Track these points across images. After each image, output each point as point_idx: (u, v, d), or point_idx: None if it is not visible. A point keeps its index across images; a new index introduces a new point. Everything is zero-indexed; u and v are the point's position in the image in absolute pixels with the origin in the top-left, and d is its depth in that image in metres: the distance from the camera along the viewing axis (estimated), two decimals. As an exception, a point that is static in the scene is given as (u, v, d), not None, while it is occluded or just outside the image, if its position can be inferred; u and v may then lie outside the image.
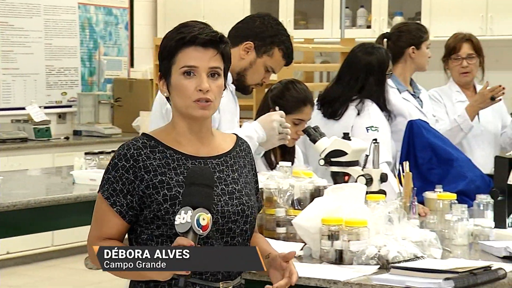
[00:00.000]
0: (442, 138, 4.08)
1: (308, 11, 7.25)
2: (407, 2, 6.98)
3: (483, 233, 3.04)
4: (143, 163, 2.17)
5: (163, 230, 2.16)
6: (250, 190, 2.29)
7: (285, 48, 3.31)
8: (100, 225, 2.21)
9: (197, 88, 2.18)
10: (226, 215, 2.19)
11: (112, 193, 2.18)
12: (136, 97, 7.48)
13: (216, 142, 2.29)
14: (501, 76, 6.62)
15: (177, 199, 2.15)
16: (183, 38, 2.18)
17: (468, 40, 4.58)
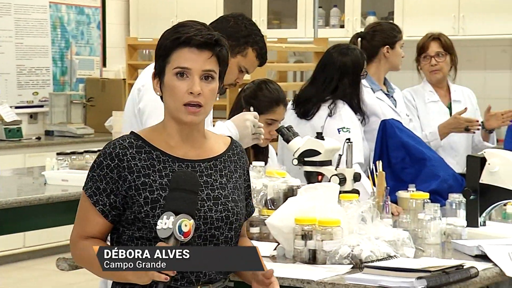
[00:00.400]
0: (415, 138, 4.09)
1: (282, 11, 7.25)
2: (380, 1, 7.00)
3: (455, 232, 3.05)
4: (128, 163, 2.14)
5: (143, 232, 2.13)
6: (239, 196, 2.24)
7: (259, 49, 3.30)
8: (82, 223, 2.19)
9: (188, 91, 2.14)
10: (209, 221, 2.15)
11: (95, 191, 2.15)
12: (109, 97, 7.44)
13: (208, 145, 2.25)
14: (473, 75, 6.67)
15: (158, 202, 2.11)
16: (178, 38, 2.15)
17: (437, 38, 4.62)
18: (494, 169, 3.08)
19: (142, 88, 3.24)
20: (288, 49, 6.18)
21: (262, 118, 3.43)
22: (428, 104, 4.65)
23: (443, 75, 4.65)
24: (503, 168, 3.07)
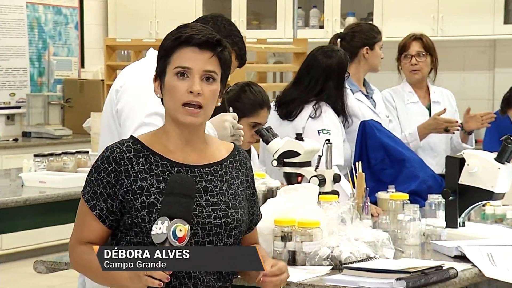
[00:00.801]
0: (394, 139, 4.10)
1: (261, 11, 7.24)
2: (359, 2, 7.01)
3: (434, 233, 3.06)
4: (125, 167, 2.11)
5: (140, 237, 2.10)
6: (240, 202, 2.20)
7: (238, 50, 3.29)
8: (80, 228, 2.16)
9: (188, 90, 2.11)
10: (207, 227, 2.11)
11: (92, 196, 2.13)
12: (87, 98, 7.39)
13: (209, 150, 2.22)
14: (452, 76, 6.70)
15: (154, 207, 2.09)
16: (179, 37, 2.13)
17: (418, 38, 4.63)
18: (473, 170, 3.09)
19: (120, 89, 3.21)
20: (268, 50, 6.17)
21: (246, 121, 3.41)
22: (407, 105, 4.66)
23: (422, 76, 4.66)
24: (481, 169, 3.07)
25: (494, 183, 3.05)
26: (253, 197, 2.29)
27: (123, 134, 3.14)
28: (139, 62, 3.36)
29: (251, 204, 2.28)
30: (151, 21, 7.27)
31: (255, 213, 2.30)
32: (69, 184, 4.31)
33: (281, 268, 2.12)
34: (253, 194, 2.28)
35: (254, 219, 2.30)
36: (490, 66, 6.82)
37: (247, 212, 2.24)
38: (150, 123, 3.09)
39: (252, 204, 2.28)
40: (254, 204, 2.29)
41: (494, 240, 2.92)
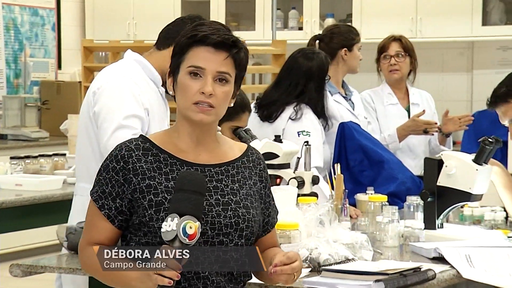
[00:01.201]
0: (373, 140, 4.10)
1: (240, 13, 7.23)
2: (338, 4, 7.01)
3: (413, 234, 3.06)
4: (133, 165, 2.09)
5: (149, 237, 2.07)
6: (252, 203, 2.16)
7: (215, 50, 3.27)
8: (89, 229, 2.13)
9: (200, 91, 2.08)
10: (217, 227, 2.08)
11: (101, 195, 2.10)
12: (64, 100, 7.34)
13: (220, 149, 2.18)
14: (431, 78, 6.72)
15: (162, 205, 2.05)
16: (195, 35, 2.10)
17: (397, 39, 4.66)
18: (451, 171, 3.09)
19: (97, 91, 3.19)
20: (247, 52, 6.14)
21: (227, 125, 3.40)
22: (387, 107, 4.67)
23: (401, 76, 4.68)
24: (460, 171, 3.07)
25: (472, 185, 3.06)
26: (268, 198, 2.24)
27: (100, 136, 3.11)
28: (116, 63, 3.34)
29: (266, 205, 2.23)
30: (129, 22, 7.23)
31: (270, 215, 2.24)
32: (45, 186, 4.27)
33: (291, 257, 2.06)
34: (268, 196, 2.24)
35: (270, 221, 2.24)
36: (468, 67, 6.85)
37: (260, 213, 2.19)
38: (128, 125, 3.07)
39: (267, 206, 2.23)
40: (269, 205, 2.24)
41: (472, 242, 2.93)
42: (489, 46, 6.70)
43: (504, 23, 6.41)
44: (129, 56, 3.30)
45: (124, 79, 3.16)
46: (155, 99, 3.25)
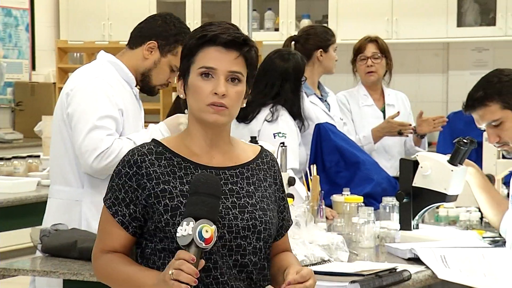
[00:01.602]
0: (349, 141, 4.11)
1: (216, 14, 7.21)
2: (314, 5, 7.02)
3: (389, 235, 3.06)
4: (146, 170, 2.04)
5: (165, 243, 2.02)
6: (268, 205, 2.11)
7: (190, 48, 3.27)
8: (103, 236, 2.09)
9: (212, 91, 2.03)
10: (234, 230, 2.03)
11: (114, 202, 2.06)
12: (38, 101, 7.29)
13: (234, 152, 2.14)
14: (406, 79, 6.74)
15: (178, 209, 2.01)
16: (205, 36, 2.05)
17: (373, 40, 4.67)
18: (426, 172, 3.09)
19: (70, 93, 3.17)
20: (223, 52, 6.13)
21: None
22: (362, 108, 4.68)
23: (378, 77, 4.69)
24: (435, 171, 3.08)
25: (447, 185, 3.06)
26: (283, 201, 2.20)
27: (74, 137, 3.09)
28: (89, 65, 3.32)
29: (281, 209, 2.19)
30: (104, 23, 7.18)
31: (284, 218, 2.21)
32: (19, 189, 4.23)
33: (304, 275, 2.02)
34: (282, 199, 2.20)
35: (284, 225, 2.21)
36: (444, 68, 6.88)
37: (276, 215, 2.15)
38: (102, 126, 3.05)
39: (281, 209, 2.19)
40: (284, 209, 2.20)
41: (447, 242, 2.94)
42: (464, 47, 6.74)
43: (479, 24, 6.45)
44: (102, 57, 3.28)
45: (97, 80, 3.14)
46: (129, 100, 3.23)
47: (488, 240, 3.13)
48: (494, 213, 3.17)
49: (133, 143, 3.08)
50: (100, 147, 3.02)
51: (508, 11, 6.21)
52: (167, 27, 3.25)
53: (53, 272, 2.60)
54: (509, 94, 2.91)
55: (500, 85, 2.92)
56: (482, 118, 2.96)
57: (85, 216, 3.18)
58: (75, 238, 2.79)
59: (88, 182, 3.18)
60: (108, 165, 3.03)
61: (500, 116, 2.93)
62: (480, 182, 3.19)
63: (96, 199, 3.18)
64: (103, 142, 3.03)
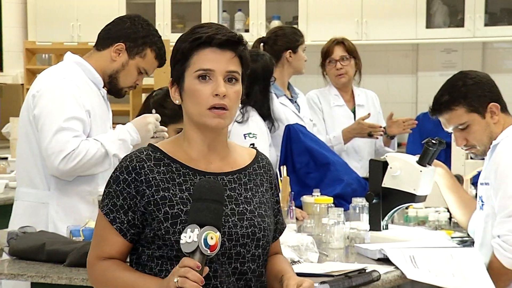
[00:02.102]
0: (319, 142, 4.11)
1: (186, 15, 7.18)
2: (284, 6, 7.02)
3: (358, 236, 3.07)
4: (145, 177, 1.99)
5: (164, 251, 1.99)
6: (266, 211, 2.09)
7: (158, 49, 3.26)
8: (100, 243, 2.04)
9: (213, 93, 1.98)
10: (234, 238, 2.00)
11: (112, 208, 2.01)
12: (6, 102, 7.20)
13: (231, 156, 2.10)
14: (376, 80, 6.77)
15: (179, 217, 1.97)
16: (198, 38, 2.00)
17: (340, 43, 4.68)
18: (395, 173, 3.10)
19: (37, 94, 3.14)
20: (193, 54, 6.12)
21: (172, 127, 3.36)
22: (333, 108, 4.70)
23: (348, 79, 4.71)
24: (404, 172, 3.09)
25: (416, 186, 3.08)
26: (277, 205, 2.18)
27: (41, 140, 3.06)
28: (56, 66, 3.30)
29: (275, 212, 2.17)
30: (72, 24, 7.12)
31: (279, 222, 2.18)
32: (-13, 191, 4.19)
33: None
34: (277, 202, 2.18)
35: (278, 228, 2.18)
36: (413, 69, 6.91)
37: (273, 220, 2.13)
38: (68, 127, 3.03)
39: (276, 213, 2.17)
40: (278, 212, 2.18)
41: (416, 243, 2.95)
42: (433, 48, 6.78)
43: (448, 25, 6.49)
44: (68, 58, 3.26)
45: (64, 81, 3.12)
46: (97, 101, 3.21)
47: (456, 240, 3.15)
48: (463, 213, 3.19)
49: (100, 144, 3.07)
50: (66, 149, 3.00)
51: (476, 13, 6.26)
52: (135, 29, 3.23)
53: (20, 275, 2.57)
54: (474, 98, 2.93)
55: (465, 88, 2.94)
56: (448, 121, 2.98)
57: (52, 219, 3.16)
58: (43, 241, 2.76)
59: (55, 184, 3.15)
60: (75, 167, 3.01)
61: (466, 120, 2.95)
62: (448, 183, 3.21)
63: (63, 201, 3.16)
64: (70, 144, 3.00)
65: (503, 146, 2.87)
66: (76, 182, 3.15)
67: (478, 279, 2.71)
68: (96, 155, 3.04)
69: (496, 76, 3.24)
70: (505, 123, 2.95)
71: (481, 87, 2.95)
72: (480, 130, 2.94)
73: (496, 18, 6.36)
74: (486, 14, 6.30)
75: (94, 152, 3.04)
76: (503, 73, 6.59)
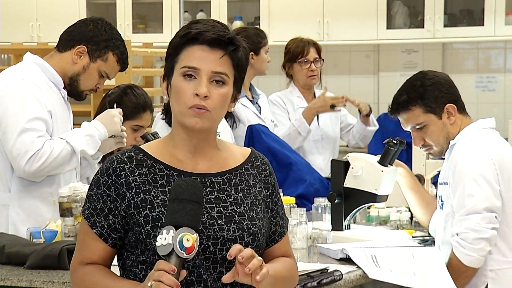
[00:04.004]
0: (281, 142, 4.12)
1: (147, 15, 7.14)
2: (246, 6, 7.02)
3: (321, 236, 3.08)
4: (126, 179, 1.92)
5: (147, 255, 1.91)
6: (257, 213, 1.98)
7: (120, 53, 3.24)
8: (81, 248, 1.98)
9: (194, 93, 1.91)
10: (220, 242, 1.91)
11: (92, 212, 1.94)
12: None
13: (221, 157, 2.01)
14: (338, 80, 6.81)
15: (159, 220, 1.88)
16: (188, 33, 1.93)
17: (314, 44, 4.69)
18: (357, 173, 3.12)
19: (-4, 95, 3.09)
20: (154, 54, 6.09)
21: (128, 124, 3.37)
22: (297, 110, 4.69)
23: (318, 81, 4.72)
24: (366, 172, 3.11)
25: (378, 186, 3.10)
26: (276, 206, 2.05)
27: (5, 142, 3.04)
28: (15, 66, 3.27)
29: (273, 214, 2.05)
30: (32, 24, 7.04)
31: (278, 224, 2.06)
32: None
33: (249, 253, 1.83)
34: (275, 203, 2.06)
35: (277, 231, 2.05)
36: (374, 70, 6.96)
37: (266, 223, 2.01)
38: (32, 128, 3.00)
39: (274, 214, 2.05)
40: (277, 214, 2.06)
41: (378, 242, 2.97)
42: (394, 49, 6.83)
43: (408, 26, 6.55)
44: (28, 58, 3.22)
45: (24, 82, 3.09)
46: (58, 102, 3.18)
47: (417, 240, 3.18)
48: (424, 213, 3.22)
49: (66, 142, 3.05)
50: (31, 149, 2.97)
51: (436, 14, 6.32)
52: (98, 32, 3.21)
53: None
54: (431, 98, 2.96)
55: (422, 89, 2.97)
56: (406, 121, 3.01)
57: (12, 221, 3.12)
58: (3, 243, 2.73)
59: (15, 186, 3.12)
60: (41, 167, 2.99)
61: (423, 120, 2.98)
62: (409, 183, 3.24)
63: (24, 203, 3.12)
64: (34, 144, 2.98)
65: (460, 146, 2.90)
66: (37, 184, 3.12)
67: (439, 277, 2.73)
68: (62, 153, 3.02)
69: (456, 76, 3.28)
70: (462, 123, 2.98)
71: (439, 87, 2.98)
72: (436, 130, 2.97)
73: (456, 19, 6.44)
74: (445, 15, 6.37)
75: (59, 151, 3.01)
76: (463, 73, 6.67)
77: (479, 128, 2.96)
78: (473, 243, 2.76)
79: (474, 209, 2.78)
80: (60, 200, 2.91)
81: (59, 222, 2.93)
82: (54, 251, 2.62)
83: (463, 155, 2.85)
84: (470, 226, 2.77)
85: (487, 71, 6.67)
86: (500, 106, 6.58)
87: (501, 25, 6.16)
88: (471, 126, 2.97)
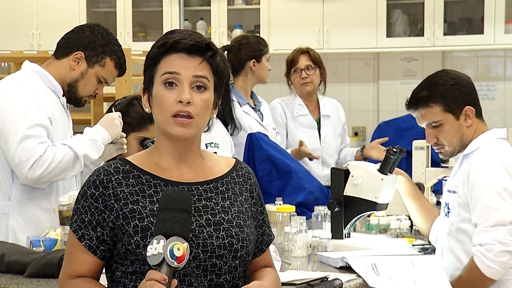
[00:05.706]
0: (281, 150, 4.12)
1: (147, 23, 7.16)
2: (246, 15, 7.03)
3: (321, 244, 3.07)
4: (113, 191, 1.94)
5: (136, 266, 1.92)
6: (245, 220, 2.01)
7: (117, 58, 3.25)
8: (70, 262, 1.97)
9: (177, 100, 1.93)
10: (210, 249, 1.93)
11: (80, 225, 1.95)
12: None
13: (206, 165, 2.03)
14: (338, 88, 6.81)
15: (148, 230, 1.89)
16: (165, 43, 1.96)
17: (305, 52, 4.70)
18: (357, 181, 3.12)
19: (-5, 105, 3.10)
20: (154, 62, 6.10)
21: (134, 135, 3.34)
22: (297, 118, 4.70)
23: (313, 88, 4.73)
24: (365, 180, 3.11)
25: (378, 194, 3.10)
26: (261, 215, 2.09)
27: (7, 150, 3.04)
28: (13, 75, 3.27)
29: (260, 223, 2.08)
30: (32, 32, 7.05)
31: (265, 233, 2.09)
32: None
33: None
34: (261, 213, 2.09)
35: (264, 240, 2.09)
36: (374, 78, 6.97)
37: (254, 231, 2.04)
38: (33, 135, 3.00)
39: (260, 224, 2.08)
40: (263, 223, 2.09)
41: (378, 250, 2.97)
42: (394, 57, 6.84)
43: (408, 35, 6.56)
44: (26, 67, 3.23)
45: (22, 90, 3.09)
46: (57, 109, 3.19)
47: (417, 248, 3.18)
48: (424, 221, 3.22)
49: (68, 147, 3.05)
50: (33, 156, 2.97)
51: (436, 22, 6.33)
52: (94, 38, 3.22)
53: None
54: (452, 98, 2.95)
55: (444, 87, 2.96)
56: (423, 117, 2.99)
57: (12, 229, 3.12)
58: (3, 251, 2.72)
59: (15, 194, 3.12)
60: (44, 173, 2.99)
61: (440, 119, 2.97)
62: (409, 191, 3.23)
63: (24, 211, 3.12)
64: (36, 151, 2.98)
65: (476, 157, 2.88)
66: (36, 192, 3.12)
67: (439, 286, 2.73)
68: (64, 158, 3.02)
69: (456, 84, 3.26)
70: (477, 128, 2.97)
71: (461, 88, 2.97)
72: (452, 130, 2.96)
73: (455, 28, 6.45)
74: (445, 23, 6.38)
75: (62, 156, 3.01)
76: (463, 81, 6.66)
77: (494, 138, 2.95)
78: (498, 256, 2.76)
79: (502, 221, 2.78)
80: (60, 208, 2.91)
81: (58, 231, 2.93)
82: (54, 260, 2.62)
83: (481, 167, 2.84)
84: (497, 238, 2.76)
85: (486, 79, 6.67)
86: (500, 114, 6.58)
87: (500, 33, 6.17)
88: (484, 136, 2.95)
